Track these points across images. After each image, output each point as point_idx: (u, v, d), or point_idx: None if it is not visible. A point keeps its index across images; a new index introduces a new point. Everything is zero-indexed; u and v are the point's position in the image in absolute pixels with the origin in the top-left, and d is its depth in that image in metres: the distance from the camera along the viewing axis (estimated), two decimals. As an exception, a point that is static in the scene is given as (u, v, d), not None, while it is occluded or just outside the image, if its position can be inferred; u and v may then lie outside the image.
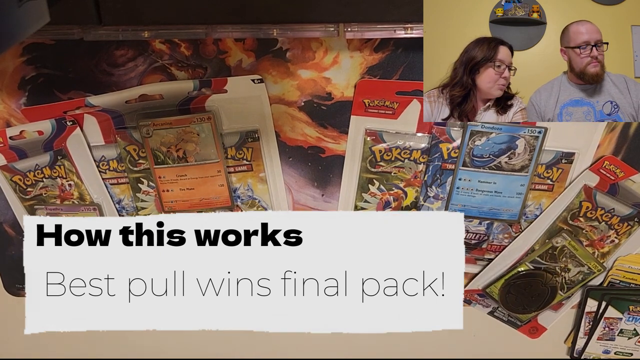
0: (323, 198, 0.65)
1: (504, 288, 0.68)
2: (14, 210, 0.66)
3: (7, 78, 0.59)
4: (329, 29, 0.47)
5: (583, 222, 0.63)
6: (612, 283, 0.67)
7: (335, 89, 0.58)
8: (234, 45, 0.56)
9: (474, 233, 0.65)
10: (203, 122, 0.58)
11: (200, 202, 0.63)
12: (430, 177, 0.62)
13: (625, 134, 0.59)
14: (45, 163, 0.62)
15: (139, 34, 0.48)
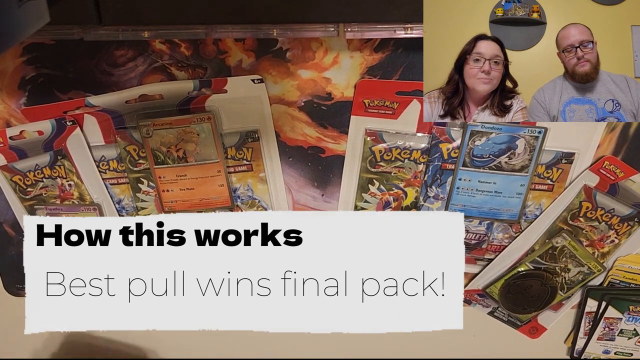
0: (323, 198, 0.65)
1: (504, 288, 0.68)
2: (14, 210, 0.66)
3: (7, 78, 0.59)
4: (329, 29, 0.47)
5: (583, 222, 0.63)
6: (612, 283, 0.67)
7: (335, 89, 0.58)
8: (234, 45, 0.56)
9: (474, 233, 0.65)
10: (203, 122, 0.58)
11: (200, 202, 0.63)
12: (430, 177, 0.62)
13: (625, 134, 0.59)
14: (45, 163, 0.62)
15: (139, 34, 0.48)
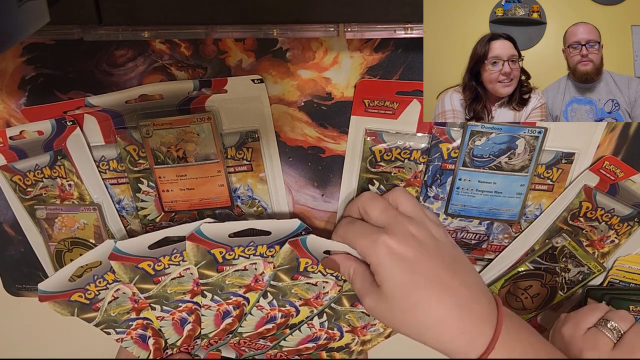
0: (323, 198, 0.65)
1: (503, 288, 0.68)
2: (13, 210, 0.66)
3: (7, 78, 0.59)
4: (329, 29, 0.47)
5: (583, 223, 0.63)
6: (611, 283, 0.67)
7: (335, 89, 0.58)
8: (234, 46, 0.56)
9: (474, 233, 0.65)
10: (203, 122, 0.58)
11: (200, 202, 0.63)
12: (430, 177, 0.62)
13: (625, 134, 0.59)
14: (45, 163, 0.62)
15: (139, 34, 0.48)
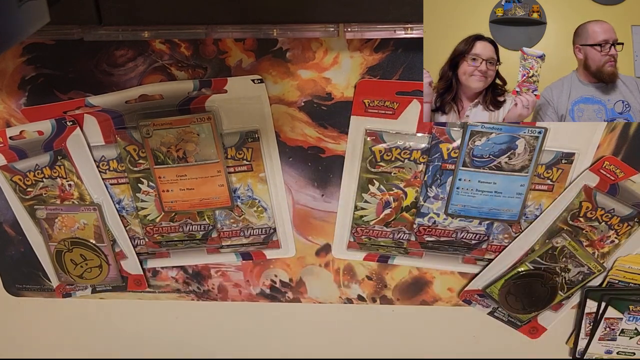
0: (323, 198, 0.65)
1: (503, 288, 0.68)
2: (14, 210, 0.66)
3: (7, 78, 0.59)
4: (329, 29, 0.47)
5: (583, 223, 0.63)
6: (611, 283, 0.67)
7: (335, 89, 0.58)
8: (234, 46, 0.56)
9: (474, 233, 0.65)
10: (203, 122, 0.58)
11: (200, 202, 0.63)
12: (430, 177, 0.62)
13: (625, 134, 0.59)
14: (45, 163, 0.62)
15: (139, 34, 0.48)
